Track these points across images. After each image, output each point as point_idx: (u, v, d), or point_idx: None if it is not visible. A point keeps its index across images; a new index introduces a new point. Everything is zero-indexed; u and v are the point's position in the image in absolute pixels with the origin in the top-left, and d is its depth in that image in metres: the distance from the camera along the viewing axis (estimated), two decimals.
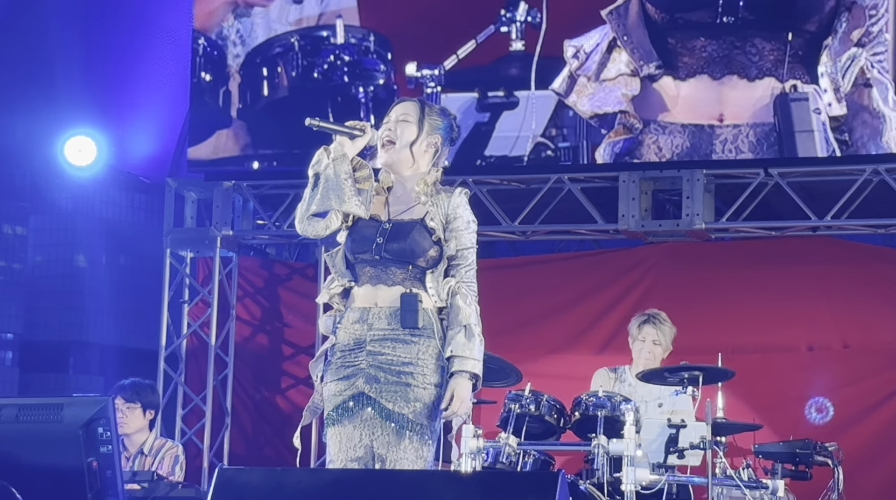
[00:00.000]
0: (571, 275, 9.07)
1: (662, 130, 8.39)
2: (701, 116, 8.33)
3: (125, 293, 10.19)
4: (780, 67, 8.15)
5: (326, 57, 9.03)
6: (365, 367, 4.67)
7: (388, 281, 4.71)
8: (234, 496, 4.15)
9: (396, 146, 4.80)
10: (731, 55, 8.23)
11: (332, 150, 4.73)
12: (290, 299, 9.56)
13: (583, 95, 8.52)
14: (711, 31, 8.29)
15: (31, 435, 4.19)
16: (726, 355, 7.52)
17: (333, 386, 4.71)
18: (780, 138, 8.17)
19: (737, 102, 8.24)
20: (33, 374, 10.23)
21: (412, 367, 4.66)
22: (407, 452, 4.62)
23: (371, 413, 4.64)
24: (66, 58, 9.64)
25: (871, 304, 8.46)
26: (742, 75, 8.23)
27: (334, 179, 4.69)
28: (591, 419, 6.91)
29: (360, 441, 4.65)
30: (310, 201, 4.71)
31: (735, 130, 8.26)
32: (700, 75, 8.32)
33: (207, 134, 9.25)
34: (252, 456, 9.38)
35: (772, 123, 8.18)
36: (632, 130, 8.41)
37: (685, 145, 8.35)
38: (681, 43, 8.35)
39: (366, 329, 4.70)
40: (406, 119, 4.81)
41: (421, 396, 4.65)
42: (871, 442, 8.24)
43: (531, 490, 3.95)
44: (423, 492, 4.02)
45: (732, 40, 8.24)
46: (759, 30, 8.22)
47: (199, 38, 9.26)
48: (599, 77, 8.48)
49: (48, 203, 10.18)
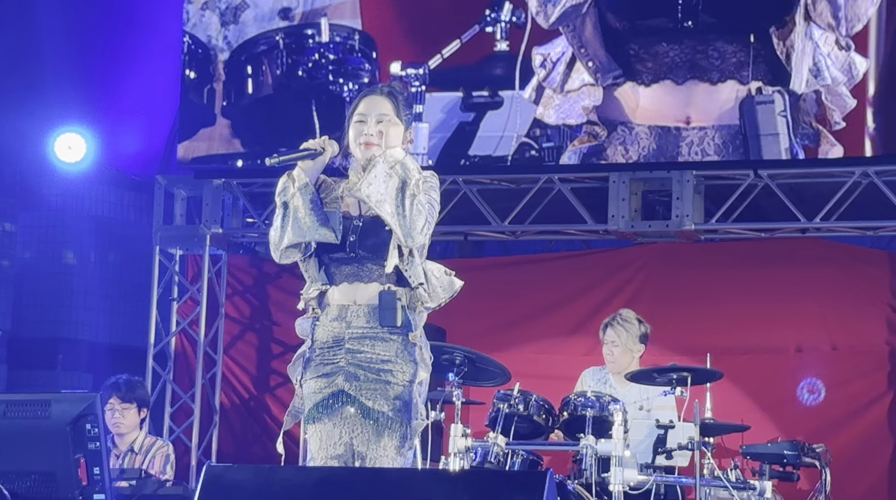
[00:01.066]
0: (561, 275, 9.07)
1: (629, 132, 8.42)
2: (667, 119, 8.38)
3: (114, 291, 10.17)
4: (744, 69, 8.20)
5: (311, 55, 9.02)
6: (344, 365, 4.70)
7: (365, 278, 4.72)
8: (221, 493, 4.14)
9: (382, 147, 4.75)
10: (693, 59, 8.29)
11: (296, 177, 4.71)
12: (279, 298, 9.55)
13: (549, 107, 8.58)
14: (673, 36, 8.34)
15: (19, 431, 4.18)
16: (715, 356, 7.53)
17: (313, 384, 4.73)
18: (745, 141, 8.21)
19: (702, 105, 8.29)
20: (21, 371, 10.20)
21: (391, 364, 4.68)
22: (387, 449, 4.63)
23: (351, 411, 4.65)
24: (56, 55, 9.61)
25: (859, 306, 8.48)
26: (704, 79, 8.27)
27: (303, 210, 4.68)
28: (579, 419, 6.91)
29: (339, 439, 4.67)
30: (282, 234, 4.71)
31: (701, 132, 8.30)
32: (663, 80, 8.36)
33: (193, 131, 9.25)
34: (240, 454, 9.37)
35: (737, 126, 8.22)
36: (596, 138, 8.46)
37: (651, 147, 8.39)
38: (643, 49, 8.40)
39: (344, 327, 4.72)
40: (387, 120, 4.77)
41: (400, 393, 4.67)
42: (858, 444, 8.26)
43: (519, 490, 3.95)
44: (410, 491, 4.02)
45: (694, 44, 8.30)
46: (720, 33, 8.27)
47: (185, 37, 9.26)
48: (564, 89, 8.54)
49: (37, 200, 10.14)
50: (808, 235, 8.57)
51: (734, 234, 8.65)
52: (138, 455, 7.20)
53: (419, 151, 8.68)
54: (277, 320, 9.57)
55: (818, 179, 8.32)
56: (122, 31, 9.78)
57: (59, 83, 9.58)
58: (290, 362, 4.95)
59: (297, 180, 4.70)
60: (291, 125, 8.76)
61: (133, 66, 9.72)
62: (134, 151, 9.87)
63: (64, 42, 9.65)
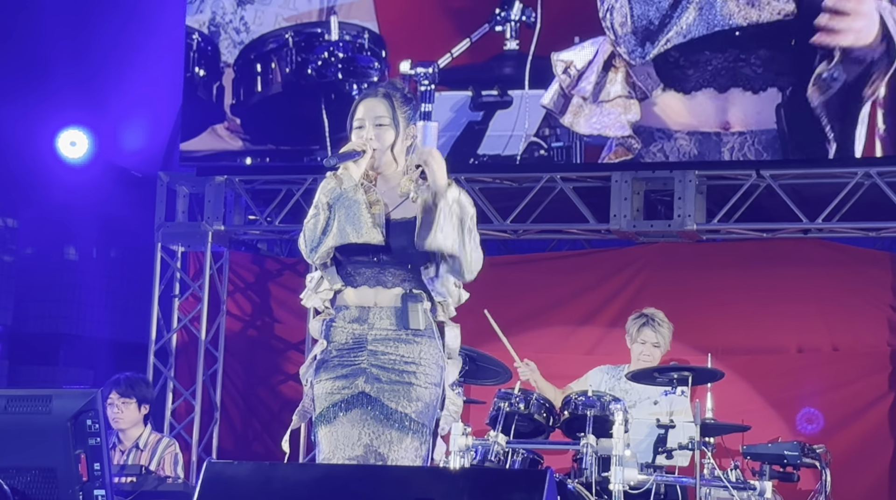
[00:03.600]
0: (562, 274, 9.07)
1: (667, 138, 8.38)
2: (706, 125, 8.33)
3: (116, 287, 10.18)
4: (784, 76, 8.15)
5: (320, 53, 9.01)
6: (366, 366, 4.66)
7: (388, 283, 4.69)
8: (222, 489, 4.14)
9: (379, 151, 4.75)
10: (735, 67, 8.22)
11: (344, 178, 4.67)
12: (281, 295, 9.55)
13: (580, 116, 8.49)
14: (715, 43, 8.27)
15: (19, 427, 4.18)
16: (716, 355, 7.54)
17: (329, 384, 4.68)
18: (783, 144, 8.18)
19: (742, 111, 8.22)
20: (23, 366, 10.22)
21: (415, 366, 4.65)
22: (408, 451, 4.61)
23: (371, 413, 4.61)
24: (60, 51, 9.62)
25: (861, 307, 8.47)
26: (747, 87, 8.22)
27: (352, 210, 4.63)
28: (580, 418, 6.91)
29: (359, 440, 4.62)
30: (324, 233, 4.65)
31: (741, 137, 8.25)
32: (706, 89, 8.30)
33: (200, 129, 9.25)
34: (240, 451, 9.38)
35: (775, 130, 8.18)
36: (631, 150, 8.41)
37: (692, 153, 8.34)
38: (684, 56, 8.33)
39: (367, 329, 4.68)
40: (381, 122, 4.76)
41: (423, 395, 4.64)
42: (859, 445, 8.25)
43: (519, 488, 3.95)
44: (410, 488, 4.02)
45: (737, 53, 8.23)
46: (762, 39, 8.20)
47: (193, 34, 9.25)
48: (598, 99, 8.45)
49: (40, 196, 10.15)
50: (810, 236, 8.57)
51: (736, 234, 8.65)
52: (143, 452, 7.22)
53: None
54: (279, 318, 9.57)
55: (820, 179, 8.32)
56: (124, 27, 9.78)
57: (62, 80, 9.59)
58: (289, 359, 4.96)
59: (346, 181, 4.66)
60: (300, 123, 8.75)
61: (136, 63, 9.73)
62: (136, 147, 9.88)
63: (67, 39, 9.66)
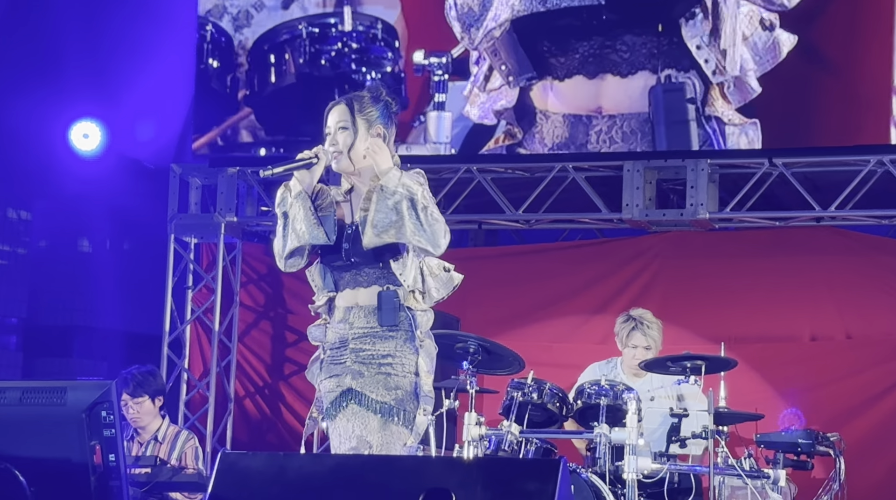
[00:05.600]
0: (575, 264, 9.07)
1: (546, 120, 8.48)
2: (579, 109, 8.51)
3: (129, 279, 10.19)
4: (654, 59, 8.24)
5: (334, 44, 9.01)
6: (350, 364, 4.89)
7: (364, 282, 4.91)
8: (236, 480, 4.16)
9: (343, 155, 4.93)
10: (602, 54, 8.40)
11: (292, 187, 4.91)
12: (294, 286, 9.56)
13: (474, 104, 8.73)
14: (581, 33, 8.45)
15: (35, 419, 4.20)
16: (729, 344, 7.53)
17: (327, 383, 4.95)
18: (653, 128, 8.27)
19: (613, 96, 8.42)
20: (37, 358, 10.24)
21: (391, 358, 4.86)
22: (393, 437, 4.80)
23: (358, 406, 4.84)
24: (72, 44, 9.63)
25: (874, 294, 8.46)
26: (615, 73, 8.36)
27: (300, 217, 4.87)
28: (593, 407, 6.91)
29: (352, 432, 4.85)
30: (284, 243, 4.92)
31: (610, 121, 8.37)
32: (576, 76, 8.48)
33: (214, 120, 9.26)
34: (255, 441, 9.39)
35: (647, 114, 8.26)
36: (514, 137, 8.60)
37: (564, 136, 8.47)
38: (555, 45, 8.52)
39: (348, 328, 4.91)
40: (343, 126, 4.95)
41: (401, 384, 4.85)
42: (872, 432, 8.25)
43: (533, 478, 3.95)
44: (424, 478, 4.03)
45: (602, 40, 8.38)
46: (628, 27, 8.31)
47: (207, 25, 9.26)
48: (486, 87, 8.67)
49: (53, 189, 10.17)
50: (823, 224, 8.56)
51: (748, 222, 8.64)
52: (162, 444, 7.23)
53: (442, 139, 8.70)
54: (292, 308, 9.58)
55: (833, 167, 8.31)
56: (137, 19, 9.79)
57: (75, 72, 9.60)
58: (302, 350, 5.07)
59: (293, 190, 4.91)
60: (314, 114, 8.73)
61: (148, 55, 9.74)
62: (149, 139, 9.89)
63: (79, 31, 9.67)
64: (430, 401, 4.92)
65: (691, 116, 8.21)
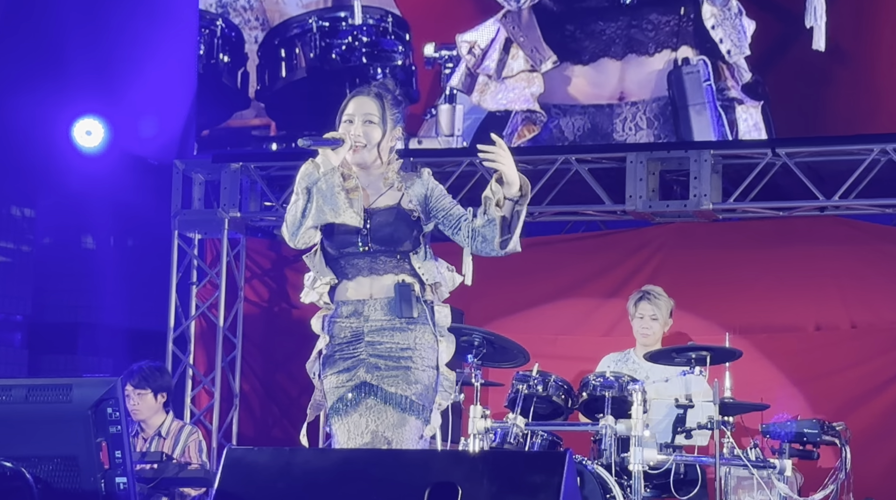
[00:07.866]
0: (579, 256, 9.07)
1: (563, 114, 8.46)
2: (601, 97, 8.44)
3: (133, 275, 10.19)
4: (674, 38, 8.24)
5: (344, 38, 8.99)
6: (365, 357, 4.82)
7: (380, 271, 4.86)
8: (242, 475, 4.16)
9: (366, 147, 4.92)
10: (629, 34, 8.33)
11: (321, 163, 4.84)
12: (298, 281, 9.44)
13: (486, 93, 8.64)
14: (608, 14, 8.39)
15: (40, 416, 4.20)
16: (734, 335, 7.54)
17: (334, 379, 4.86)
18: (675, 112, 8.25)
19: (636, 80, 8.36)
20: (42, 356, 10.25)
21: (411, 351, 4.82)
22: (411, 431, 4.77)
23: (374, 401, 4.78)
24: (74, 40, 9.62)
25: (878, 284, 8.46)
26: (641, 52, 8.31)
27: (328, 193, 4.79)
28: (598, 399, 6.92)
29: (366, 427, 4.79)
30: (303, 215, 4.81)
31: (634, 107, 8.33)
32: (602, 58, 8.41)
33: (224, 115, 9.26)
34: (260, 437, 9.41)
35: (666, 97, 8.26)
36: (536, 124, 8.54)
37: (586, 127, 8.42)
38: (580, 29, 8.46)
39: (362, 322, 4.85)
40: (371, 120, 4.93)
41: (420, 378, 4.81)
42: (878, 422, 8.24)
43: (538, 470, 3.95)
44: (430, 472, 4.03)
45: (629, 20, 8.34)
46: (654, 6, 8.29)
47: (217, 20, 9.25)
48: (501, 75, 8.59)
49: (57, 185, 10.17)
50: (827, 214, 8.55)
51: (752, 213, 8.64)
52: (166, 440, 7.25)
53: (455, 132, 8.69)
54: (296, 303, 9.57)
55: (837, 156, 8.30)
56: (139, 15, 9.78)
57: (77, 69, 9.60)
58: (308, 344, 5.01)
59: (323, 165, 4.82)
60: (325, 108, 8.71)
61: (151, 51, 9.73)
62: (152, 135, 9.89)
63: (82, 28, 9.66)
64: (447, 396, 4.90)
65: (708, 99, 8.18)
